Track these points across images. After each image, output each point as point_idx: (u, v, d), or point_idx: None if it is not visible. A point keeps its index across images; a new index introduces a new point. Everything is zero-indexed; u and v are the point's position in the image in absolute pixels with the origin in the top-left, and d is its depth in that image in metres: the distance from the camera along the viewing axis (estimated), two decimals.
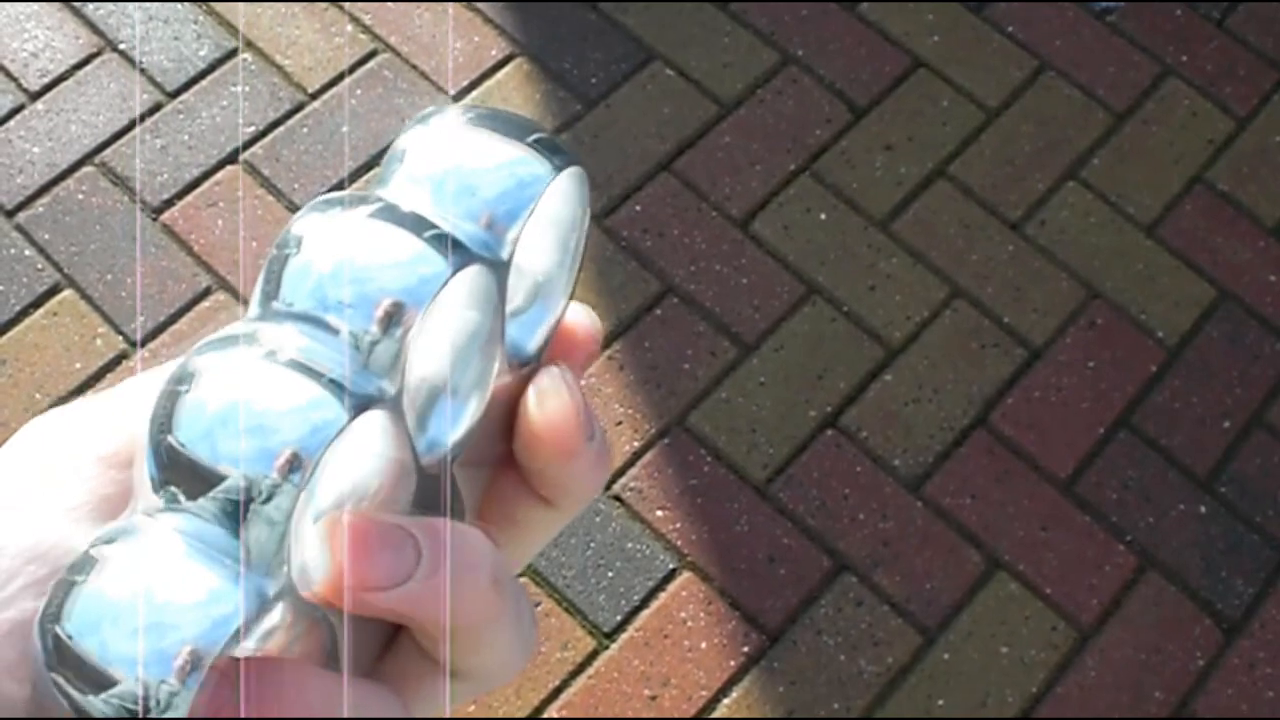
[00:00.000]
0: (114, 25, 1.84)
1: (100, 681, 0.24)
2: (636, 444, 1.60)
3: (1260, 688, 1.51)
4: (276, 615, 0.27)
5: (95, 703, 0.25)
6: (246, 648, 0.27)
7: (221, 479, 0.25)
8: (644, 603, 1.52)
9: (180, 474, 0.25)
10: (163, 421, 0.26)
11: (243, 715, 0.26)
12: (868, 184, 1.78)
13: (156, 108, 1.78)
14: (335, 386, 0.26)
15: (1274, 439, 1.65)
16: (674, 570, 1.54)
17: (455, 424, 0.30)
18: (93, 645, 0.24)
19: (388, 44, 1.84)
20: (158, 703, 0.24)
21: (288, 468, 0.25)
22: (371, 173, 1.74)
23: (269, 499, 0.25)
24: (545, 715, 1.46)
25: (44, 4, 1.85)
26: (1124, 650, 1.53)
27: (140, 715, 0.24)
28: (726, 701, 1.48)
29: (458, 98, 1.81)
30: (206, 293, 1.67)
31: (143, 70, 1.81)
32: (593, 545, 1.54)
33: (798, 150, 1.80)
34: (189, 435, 0.25)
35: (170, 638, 0.24)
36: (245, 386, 0.25)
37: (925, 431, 1.63)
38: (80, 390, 1.61)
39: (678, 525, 1.56)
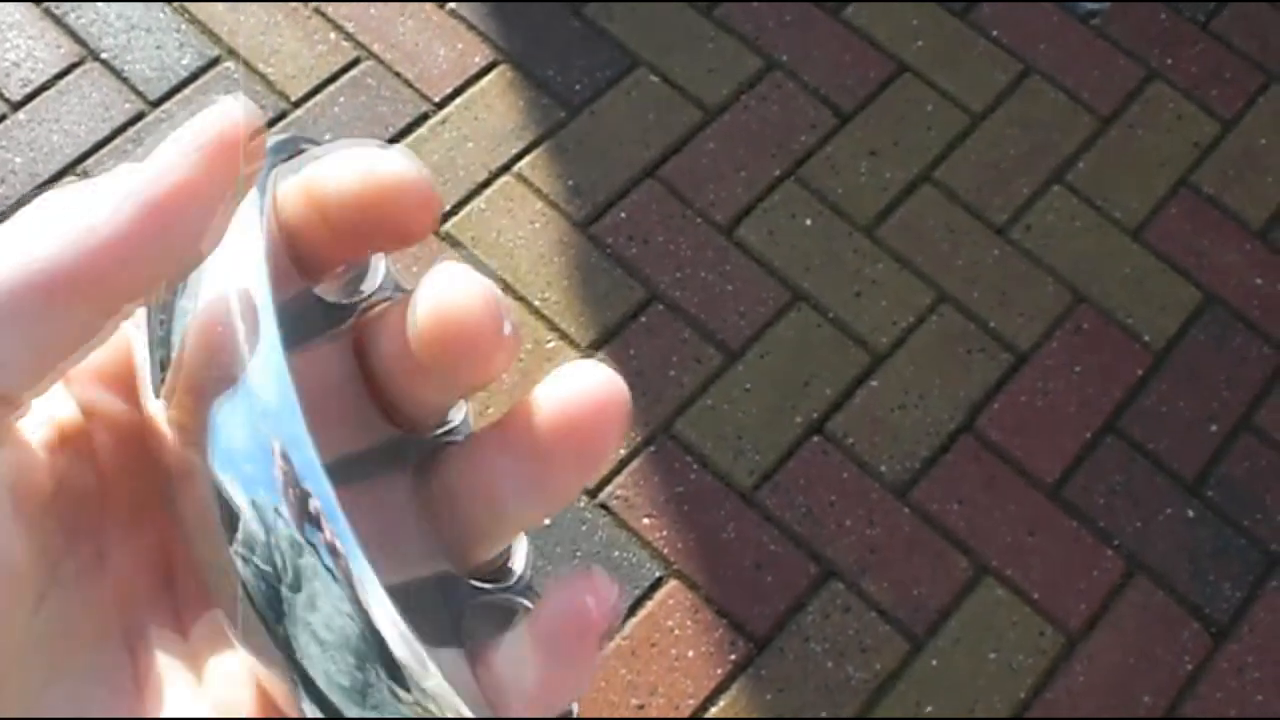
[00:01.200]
0: (96, 34, 1.83)
1: None
2: (622, 452, 1.59)
3: (1249, 691, 1.51)
4: None
5: None
6: None
7: None
8: (631, 611, 1.51)
9: None
10: None
11: None
12: (853, 189, 1.78)
13: (139, 117, 1.78)
14: None
15: (1261, 442, 1.65)
16: (661, 578, 1.53)
17: None
18: None
19: (371, 51, 1.83)
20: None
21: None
22: None
23: None
24: None
25: (26, 13, 1.84)
26: (1112, 655, 1.52)
27: None
28: (714, 710, 1.47)
29: (441, 105, 1.81)
30: None
31: (125, 79, 1.80)
32: (579, 554, 1.53)
33: (782, 156, 1.79)
34: None
35: None
36: None
37: (912, 437, 1.62)
38: None
39: (664, 533, 1.55)
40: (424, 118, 1.79)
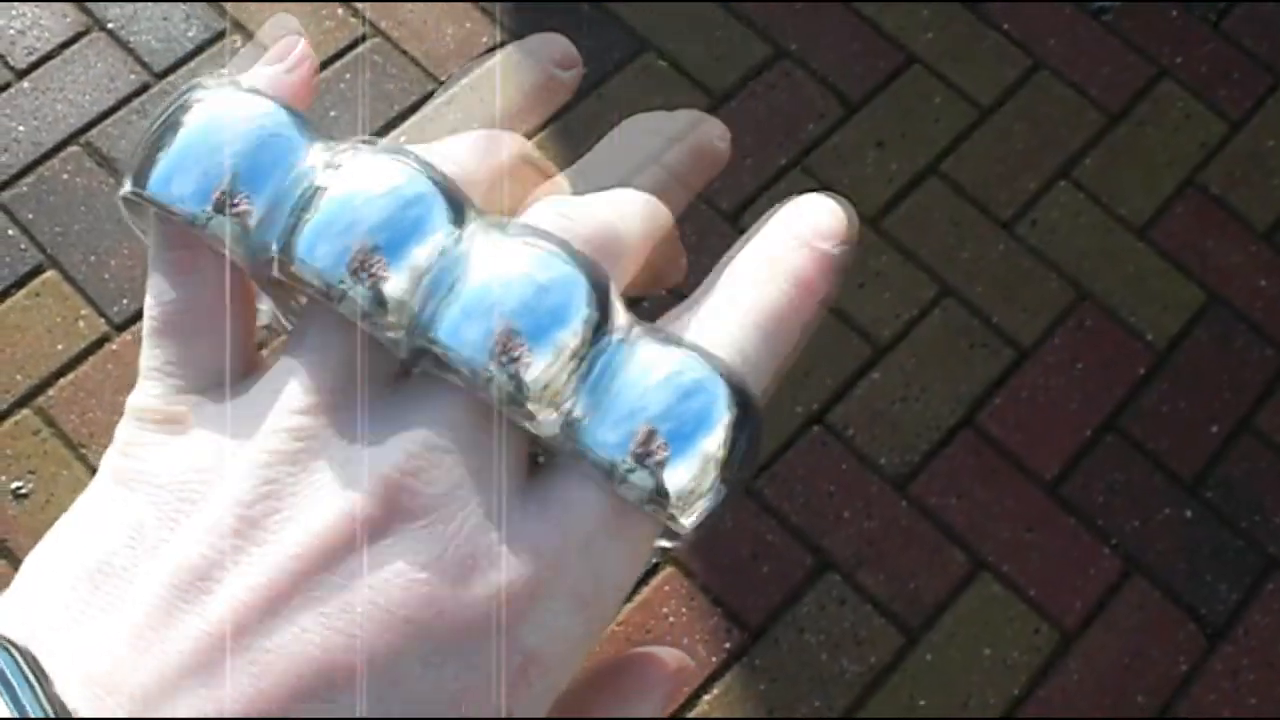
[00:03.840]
0: (102, 4, 1.82)
1: None
2: None
3: (1243, 694, 1.51)
4: None
5: None
6: None
7: None
8: (626, 597, 1.51)
9: None
10: None
11: None
12: (859, 180, 1.77)
13: (144, 88, 1.77)
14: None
15: (1261, 444, 1.65)
16: (656, 565, 1.53)
17: None
18: None
19: (378, 28, 1.82)
20: None
21: None
22: None
23: None
24: None
25: None
26: (1107, 654, 1.52)
27: None
28: (707, 698, 1.47)
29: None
30: None
31: (130, 50, 1.79)
32: None
33: (789, 144, 1.79)
34: None
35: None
36: None
37: (912, 430, 1.62)
38: (62, 373, 1.59)
39: None
40: (430, 96, 1.78)
